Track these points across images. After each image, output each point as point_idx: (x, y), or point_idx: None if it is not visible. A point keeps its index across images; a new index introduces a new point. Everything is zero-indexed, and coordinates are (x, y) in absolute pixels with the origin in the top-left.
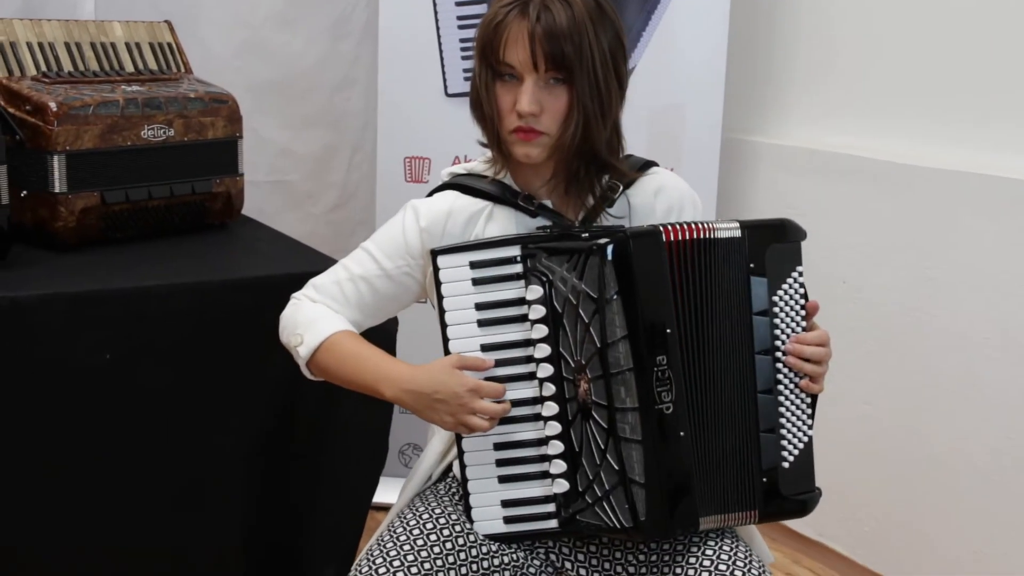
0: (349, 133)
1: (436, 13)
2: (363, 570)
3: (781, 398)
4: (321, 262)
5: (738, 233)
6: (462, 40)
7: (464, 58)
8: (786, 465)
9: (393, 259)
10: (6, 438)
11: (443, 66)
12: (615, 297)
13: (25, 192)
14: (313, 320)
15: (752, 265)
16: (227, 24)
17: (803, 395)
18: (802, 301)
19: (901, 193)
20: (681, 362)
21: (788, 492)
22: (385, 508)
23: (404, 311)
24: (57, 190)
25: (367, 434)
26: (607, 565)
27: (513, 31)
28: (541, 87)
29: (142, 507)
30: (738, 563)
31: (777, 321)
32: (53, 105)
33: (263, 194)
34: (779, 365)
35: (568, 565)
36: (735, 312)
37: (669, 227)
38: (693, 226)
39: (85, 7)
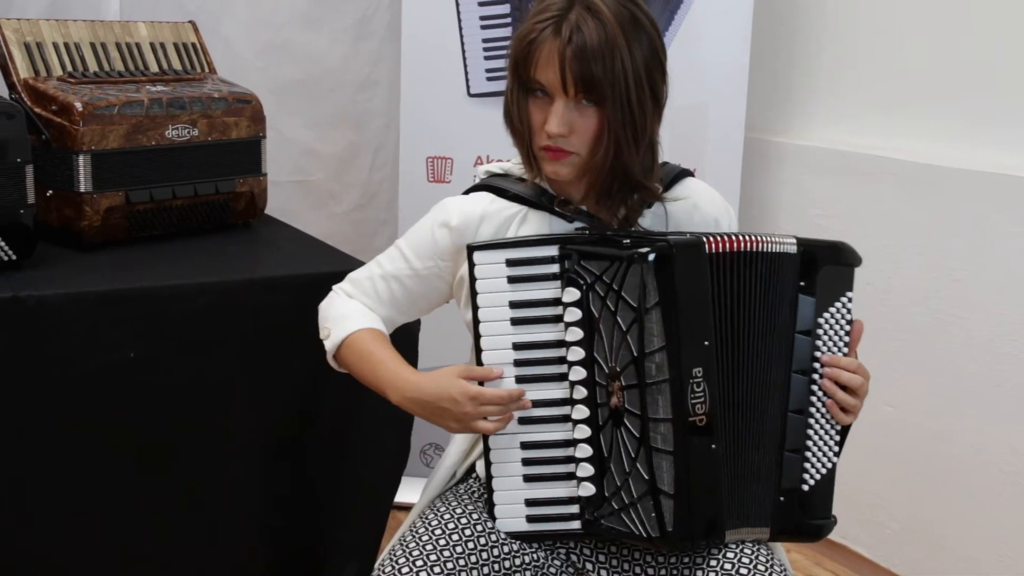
0: (372, 133)
1: (459, 13)
2: (386, 570)
3: (811, 420)
4: (343, 262)
5: (793, 249)
6: (485, 40)
7: (487, 58)
8: (805, 488)
9: (423, 260)
10: (31, 435)
11: (466, 66)
12: (655, 307)
13: (51, 191)
14: (342, 316)
15: (803, 283)
16: (251, 24)
17: (833, 422)
18: (847, 327)
19: (926, 194)
20: (716, 374)
21: (803, 516)
22: (406, 508)
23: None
24: (82, 189)
25: (389, 433)
26: (627, 566)
27: (545, 51)
28: (571, 108)
29: (164, 504)
30: (759, 567)
31: (819, 343)
32: (79, 105)
33: (286, 194)
34: (814, 387)
35: (589, 566)
36: (777, 326)
37: (713, 238)
38: (737, 238)
39: (110, 8)
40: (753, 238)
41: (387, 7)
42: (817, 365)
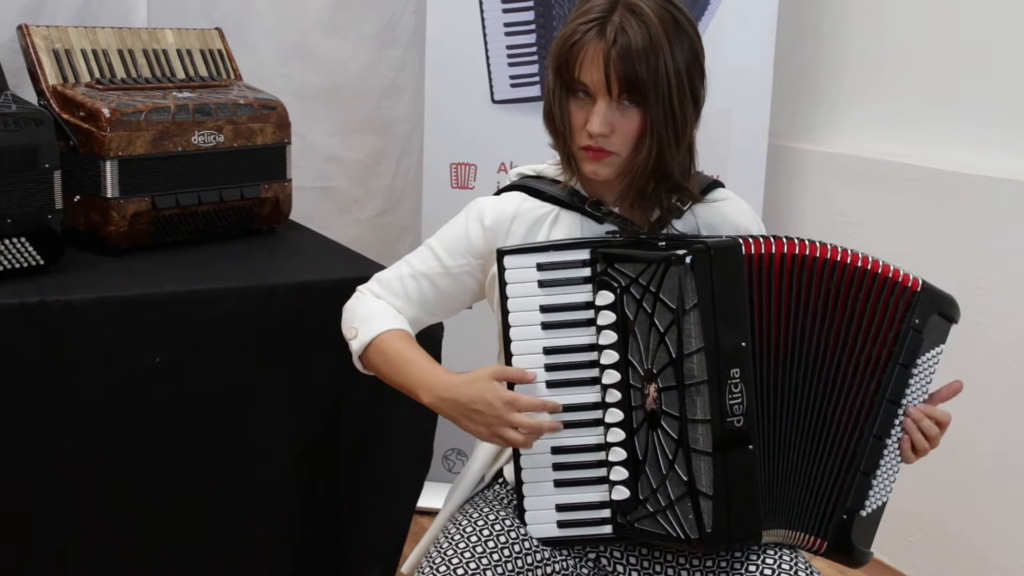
0: (396, 139)
1: (483, 20)
2: (424, 571)
3: (886, 451)
4: (367, 267)
5: (918, 287)
6: (509, 47)
7: (511, 65)
8: (863, 514)
9: (455, 257)
10: (56, 438)
11: (489, 73)
12: (693, 308)
13: (78, 197)
14: (369, 316)
15: (917, 321)
16: (276, 31)
17: (899, 457)
18: (931, 377)
19: (951, 201)
20: (755, 375)
21: (855, 539)
22: (429, 513)
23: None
24: (109, 195)
25: (413, 437)
26: (658, 568)
27: (589, 52)
28: (614, 108)
29: (190, 506)
30: (799, 574)
31: (912, 380)
32: (106, 111)
33: (310, 199)
34: (896, 420)
35: (620, 568)
36: (875, 349)
37: (750, 239)
38: (782, 240)
39: (138, 15)
40: (802, 243)
41: (412, 14)
42: (904, 401)
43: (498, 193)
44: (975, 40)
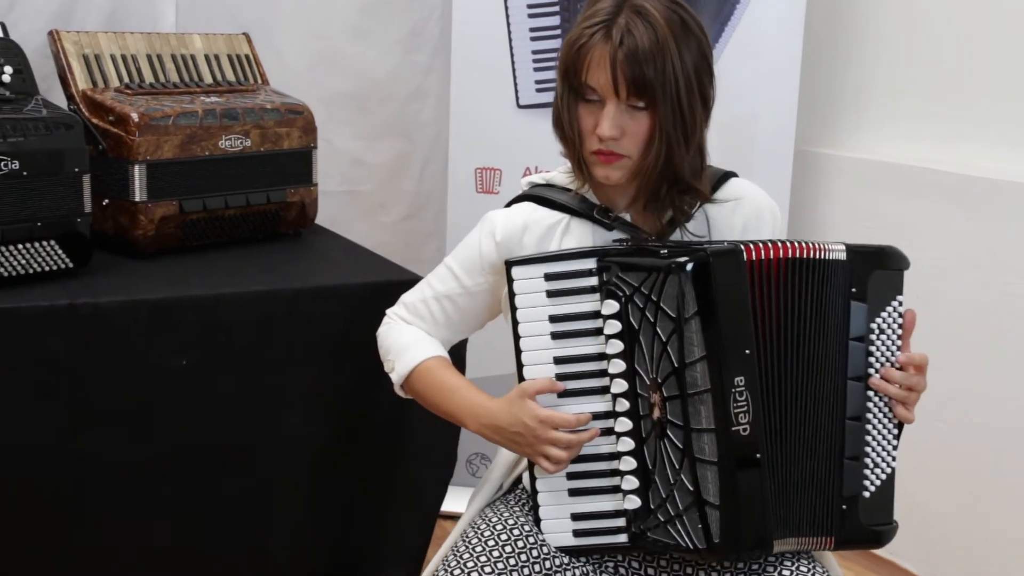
0: (421, 144)
1: (509, 25)
2: (440, 575)
3: (869, 426)
4: (392, 271)
5: (843, 256)
6: (534, 52)
7: (536, 70)
8: (867, 495)
9: (472, 276)
10: (85, 439)
11: (515, 78)
12: (694, 316)
13: (107, 200)
14: (404, 347)
15: (854, 289)
16: (303, 36)
17: (891, 425)
18: (899, 331)
19: (980, 207)
20: (760, 383)
21: (866, 521)
22: (452, 517)
23: None
24: (137, 199)
25: (436, 441)
26: None
27: (596, 54)
28: (623, 111)
29: (215, 507)
30: None
31: (873, 348)
32: (135, 116)
33: (336, 204)
34: (870, 393)
35: None
36: (830, 335)
37: (751, 245)
38: (776, 245)
39: (166, 20)
40: (795, 245)
41: (437, 19)
42: (872, 372)
43: (508, 205)
44: (1005, 45)
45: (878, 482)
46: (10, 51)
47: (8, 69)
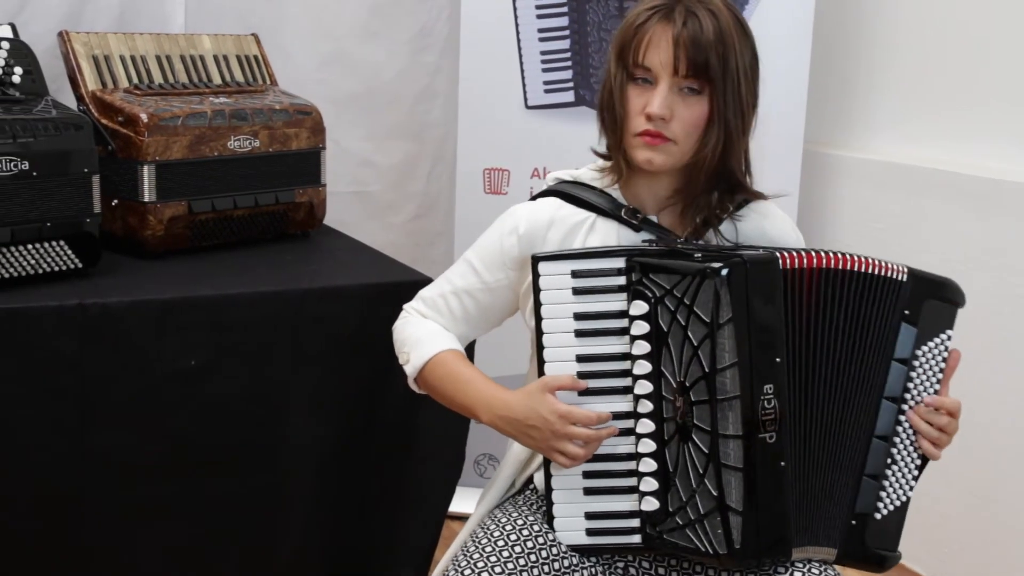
0: (429, 144)
1: (517, 26)
2: (449, 575)
3: (893, 449)
4: (400, 272)
5: (903, 276)
6: (543, 52)
7: (545, 70)
8: (878, 516)
9: (492, 272)
10: (94, 439)
11: (523, 78)
12: (728, 322)
13: (116, 201)
14: (420, 339)
15: (907, 312)
16: (311, 37)
17: (915, 455)
18: (942, 364)
19: (988, 208)
20: (788, 391)
21: (871, 543)
22: (460, 517)
23: None
24: (146, 199)
25: (445, 441)
26: None
27: (656, 34)
28: (675, 93)
29: (223, 507)
30: None
31: (913, 375)
32: (144, 116)
33: (344, 204)
34: (902, 416)
35: None
36: (869, 350)
37: (787, 253)
38: (811, 254)
39: (176, 21)
40: (837, 256)
41: (446, 20)
42: (907, 396)
43: (534, 198)
44: (1014, 46)
45: (891, 507)
46: (20, 52)
47: (18, 70)
